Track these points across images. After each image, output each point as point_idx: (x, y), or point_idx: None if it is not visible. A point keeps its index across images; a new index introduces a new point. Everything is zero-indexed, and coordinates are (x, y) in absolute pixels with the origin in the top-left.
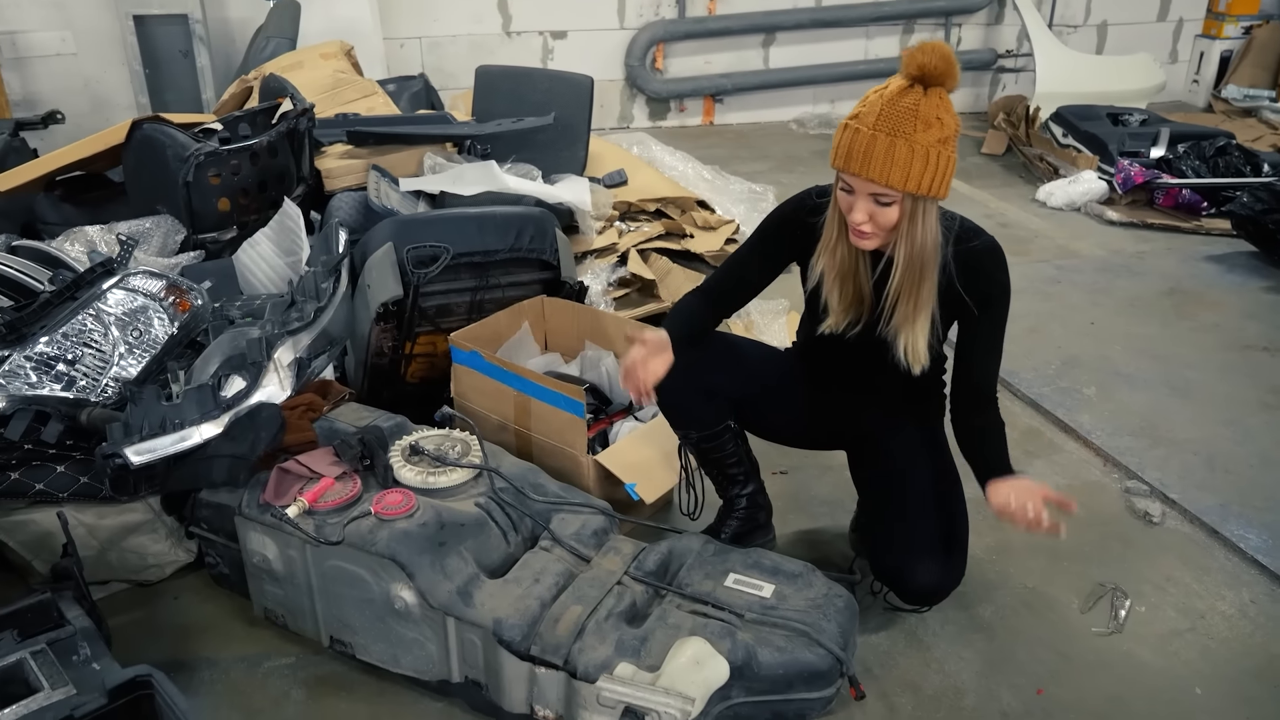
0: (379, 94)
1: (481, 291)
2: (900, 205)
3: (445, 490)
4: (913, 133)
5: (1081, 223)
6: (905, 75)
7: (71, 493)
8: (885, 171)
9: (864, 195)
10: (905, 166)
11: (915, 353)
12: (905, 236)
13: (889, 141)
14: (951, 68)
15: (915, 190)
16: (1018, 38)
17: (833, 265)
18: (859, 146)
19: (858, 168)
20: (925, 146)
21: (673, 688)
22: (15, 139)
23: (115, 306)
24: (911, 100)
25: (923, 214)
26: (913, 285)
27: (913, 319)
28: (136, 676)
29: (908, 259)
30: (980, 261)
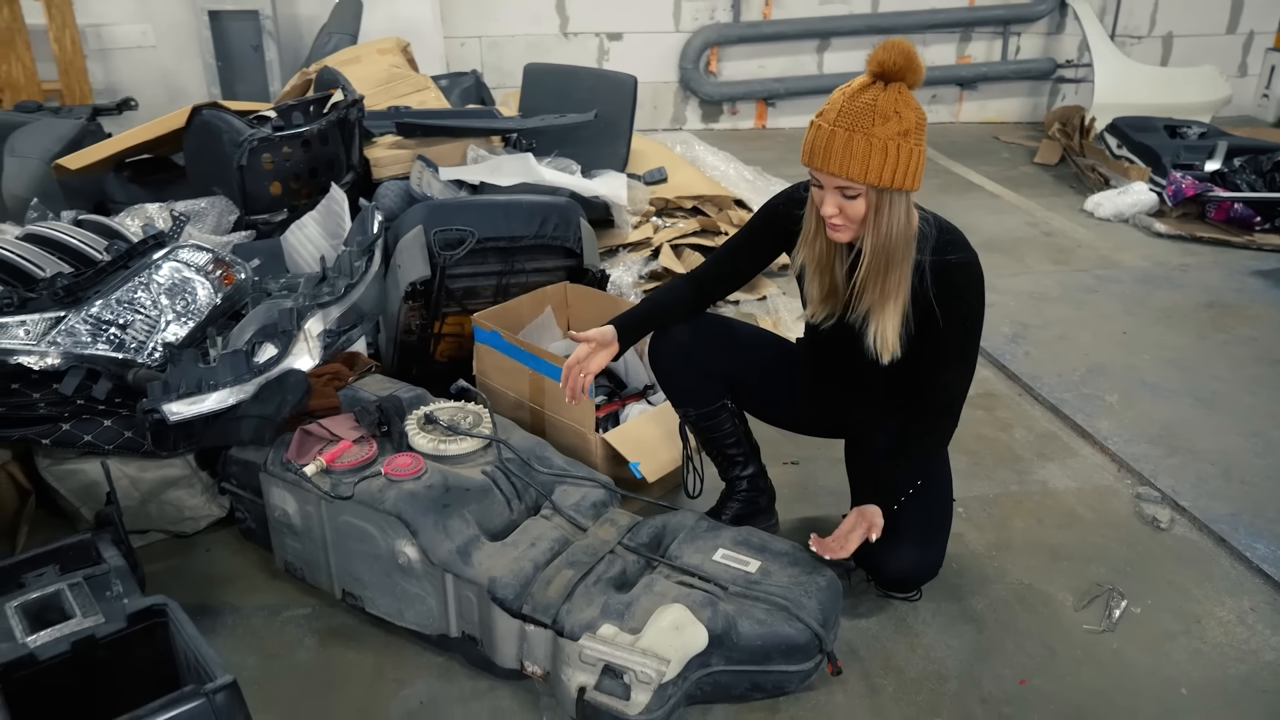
0: (431, 89)
1: (507, 276)
2: (866, 197)
3: (455, 458)
4: (870, 127)
5: (1128, 234)
6: (868, 72)
7: (117, 446)
8: (845, 165)
9: (831, 189)
10: (864, 160)
11: (884, 341)
12: (872, 228)
13: (847, 136)
14: (911, 63)
15: (876, 182)
16: (1079, 48)
17: (812, 257)
18: (821, 142)
19: (820, 163)
20: (884, 140)
21: (650, 649)
22: (92, 123)
23: (165, 277)
24: (870, 96)
25: (889, 206)
26: (878, 274)
27: (880, 307)
28: (153, 605)
29: (874, 249)
30: (951, 276)
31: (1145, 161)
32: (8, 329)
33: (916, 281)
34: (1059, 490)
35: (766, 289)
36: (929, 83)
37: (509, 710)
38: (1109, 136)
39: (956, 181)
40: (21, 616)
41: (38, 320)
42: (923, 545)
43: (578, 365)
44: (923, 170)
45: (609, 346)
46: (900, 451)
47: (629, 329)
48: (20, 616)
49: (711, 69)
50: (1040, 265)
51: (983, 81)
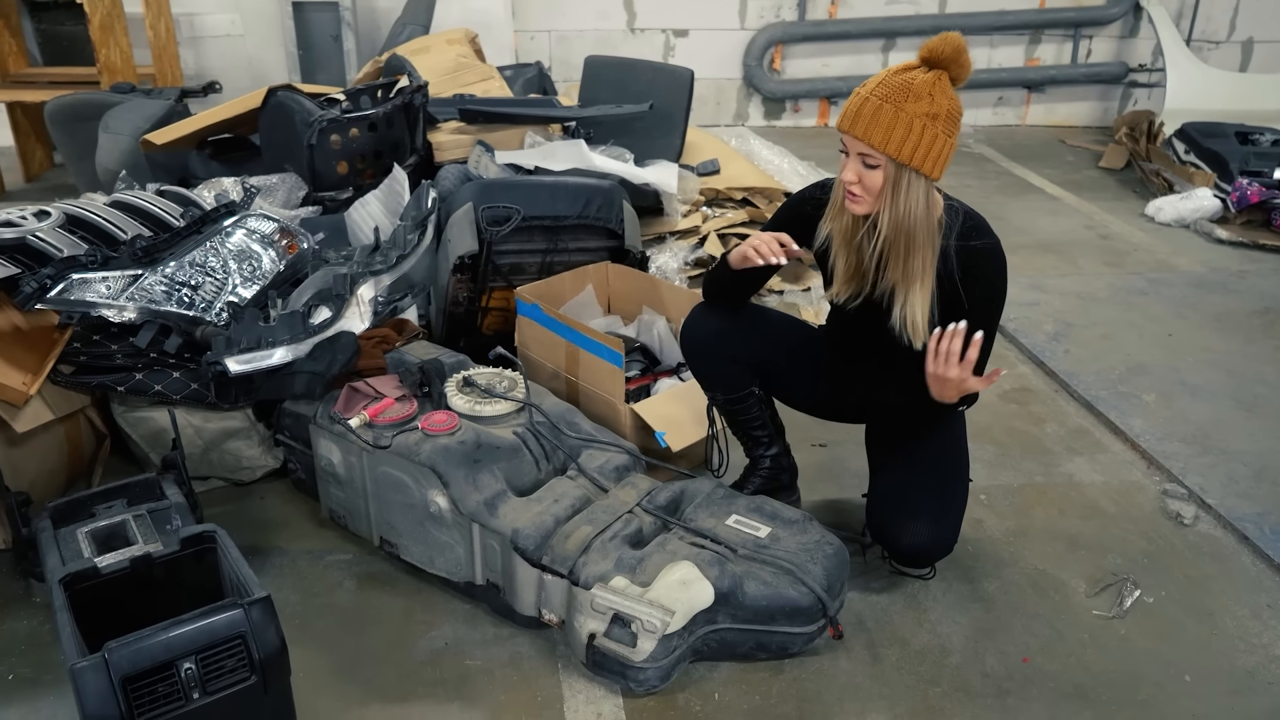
0: (495, 78)
1: (551, 254)
2: (884, 170)
3: (489, 419)
4: (902, 101)
5: (1187, 239)
6: (918, 57)
7: (184, 396)
8: (869, 131)
9: (854, 155)
10: (887, 129)
11: (914, 325)
12: (888, 203)
13: (878, 105)
14: (959, 56)
15: (895, 155)
16: (1153, 52)
17: (839, 230)
18: (853, 107)
19: (848, 126)
20: (911, 115)
21: (657, 601)
22: (179, 104)
23: (234, 243)
24: (910, 75)
25: (907, 185)
26: (899, 254)
27: (905, 288)
28: (204, 531)
29: (890, 225)
30: (977, 261)
31: (1212, 167)
32: (91, 284)
33: (941, 266)
34: (1084, 483)
35: (811, 280)
36: (995, 85)
37: (527, 655)
38: (1177, 142)
39: (1016, 183)
40: (90, 540)
41: (118, 277)
42: (937, 522)
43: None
44: (946, 162)
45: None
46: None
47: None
48: (89, 540)
49: (775, 67)
50: (1092, 267)
51: (1051, 84)
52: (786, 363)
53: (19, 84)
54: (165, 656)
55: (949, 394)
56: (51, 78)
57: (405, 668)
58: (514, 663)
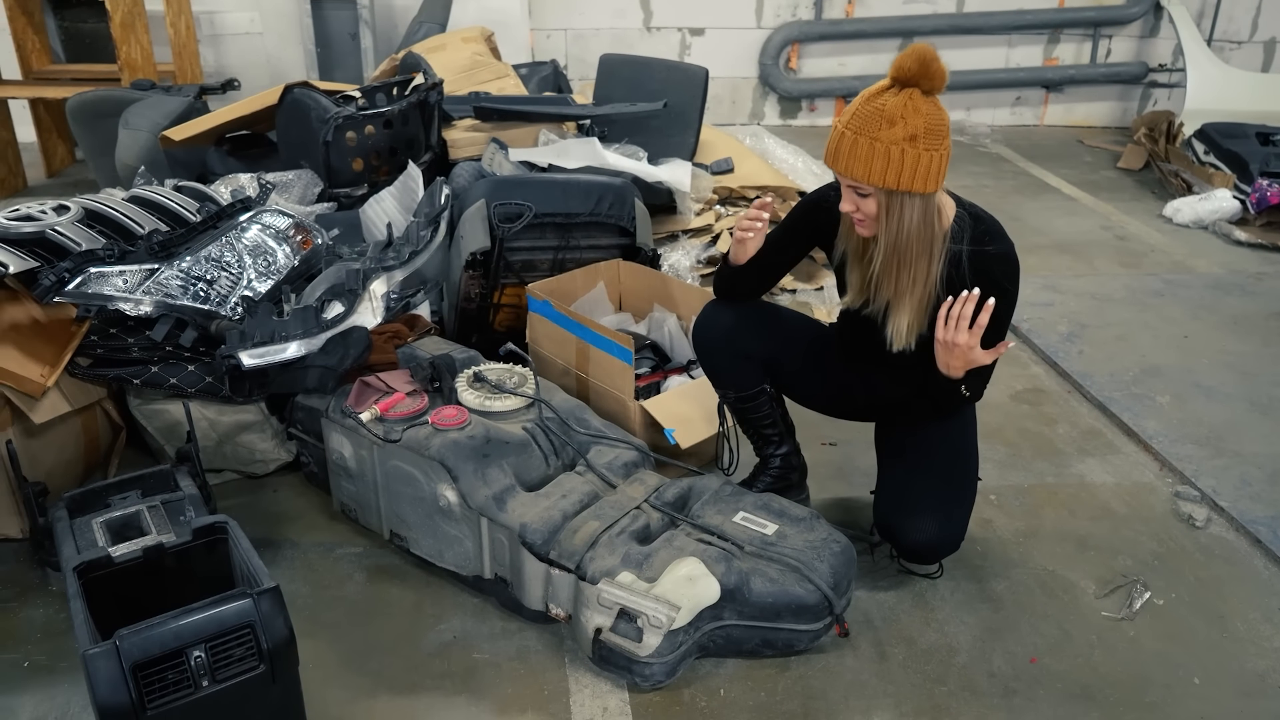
0: (510, 76)
1: (563, 251)
2: (875, 198)
3: (498, 414)
4: (876, 131)
5: (1205, 241)
6: (889, 76)
7: (199, 389)
8: (850, 166)
9: (846, 188)
10: (867, 162)
11: (898, 332)
12: (884, 227)
13: (854, 139)
14: (925, 68)
15: (880, 184)
16: (1173, 52)
17: (851, 247)
18: (833, 144)
19: (830, 163)
20: (887, 144)
21: (663, 596)
22: (198, 101)
23: (250, 238)
24: (881, 101)
25: (900, 207)
26: (891, 271)
27: (897, 302)
28: (215, 522)
29: (886, 246)
30: (990, 266)
31: (1232, 168)
32: (108, 278)
33: (953, 271)
34: (1095, 484)
35: (824, 279)
36: (1013, 84)
37: (534, 649)
38: (1196, 142)
39: (1033, 183)
40: (105, 530)
41: (135, 271)
42: (945, 518)
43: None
44: (940, 173)
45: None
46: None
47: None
48: (104, 530)
49: (791, 65)
50: (1108, 268)
51: (1070, 84)
52: (798, 361)
53: (42, 81)
54: (175, 644)
55: (956, 365)
56: (74, 74)
57: (413, 660)
58: (521, 656)
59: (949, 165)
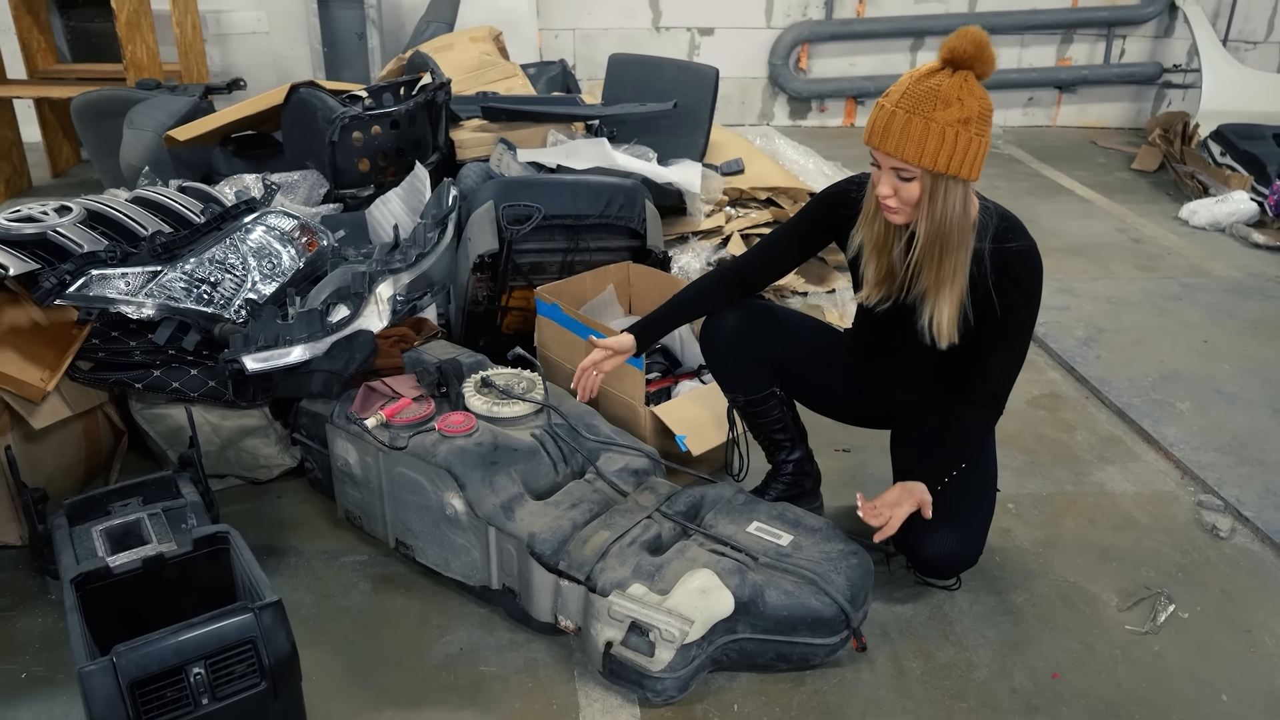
0: (519, 76)
1: (572, 253)
2: (920, 181)
3: (506, 420)
4: (931, 110)
5: (1222, 243)
6: (938, 58)
7: (201, 393)
8: (901, 146)
9: (887, 170)
10: (920, 142)
11: (939, 327)
12: (926, 213)
13: (907, 118)
14: (981, 52)
15: (930, 166)
16: (1188, 52)
17: (870, 237)
18: (880, 122)
19: (878, 142)
20: (942, 124)
21: (676, 610)
22: (204, 101)
23: (254, 239)
24: (936, 80)
25: (944, 192)
26: (933, 260)
27: (935, 292)
28: (216, 532)
29: (928, 234)
30: (1011, 263)
31: (1249, 170)
32: (110, 280)
33: (975, 268)
34: (1116, 493)
35: (835, 282)
36: (1026, 85)
37: (542, 662)
38: (1212, 144)
39: (1046, 185)
40: (104, 539)
41: (138, 273)
42: (962, 531)
43: (593, 366)
44: (982, 161)
45: (626, 352)
46: (944, 436)
47: (647, 331)
48: (103, 539)
49: (801, 66)
50: (1124, 271)
51: (1083, 85)
52: (808, 364)
53: (47, 80)
54: (174, 661)
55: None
56: (79, 74)
57: (419, 672)
58: (529, 669)
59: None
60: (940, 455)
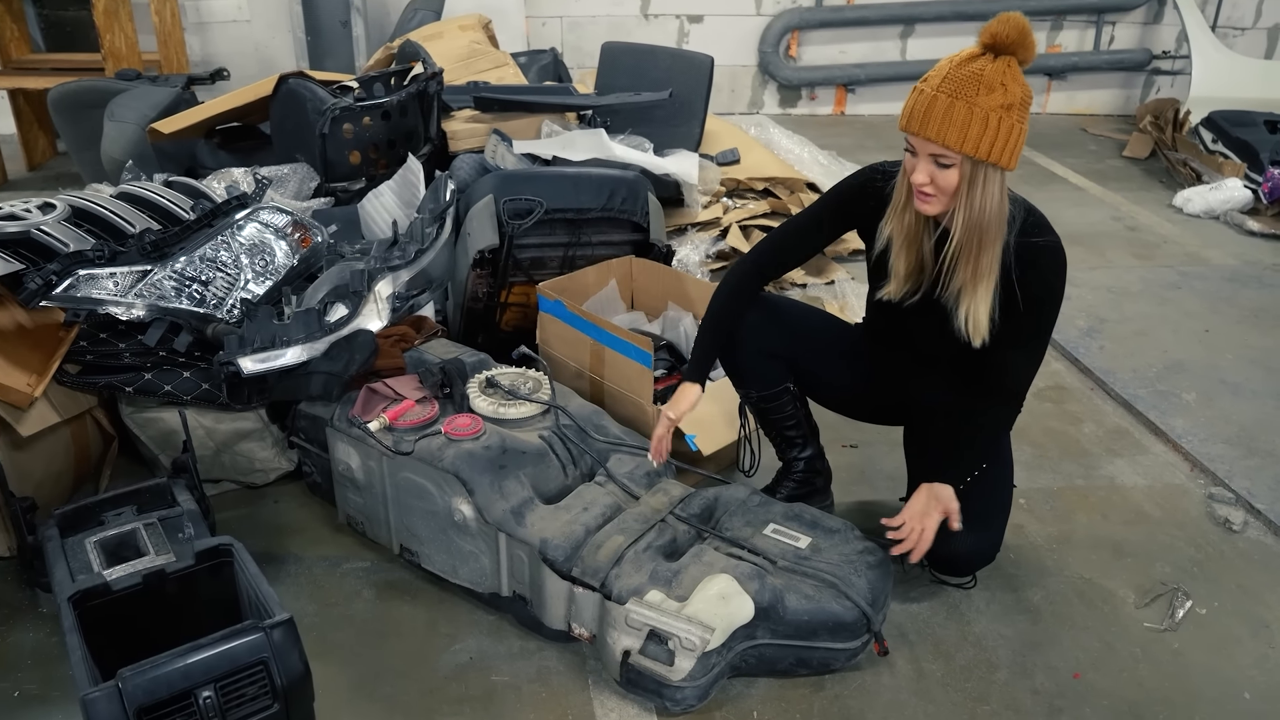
0: (510, 65)
1: (574, 248)
2: (959, 169)
3: (513, 421)
4: (974, 96)
5: (1218, 231)
6: (978, 44)
7: (194, 396)
8: (943, 131)
9: (925, 156)
10: (963, 128)
11: (976, 323)
12: (964, 202)
13: (949, 102)
14: (1024, 38)
15: (973, 153)
16: (1177, 39)
17: (900, 230)
18: (921, 107)
19: (918, 127)
20: (985, 110)
21: (696, 617)
22: (186, 92)
23: (246, 236)
24: (979, 65)
25: (983, 181)
26: (970, 253)
27: (972, 287)
28: (220, 545)
29: (965, 225)
30: (1037, 259)
31: (1241, 157)
32: (98, 280)
33: (1002, 264)
34: (1127, 487)
35: (835, 273)
36: None
37: (555, 670)
38: (1204, 130)
39: (1039, 173)
40: (99, 551)
41: (126, 273)
42: (981, 529)
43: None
44: (1020, 150)
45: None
46: (964, 433)
47: (702, 367)
48: (98, 551)
49: (791, 53)
50: (1122, 260)
51: (1073, 72)
52: (822, 359)
53: (21, 70)
54: (183, 685)
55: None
56: (55, 64)
57: (428, 683)
58: (542, 678)
59: None
60: (962, 455)
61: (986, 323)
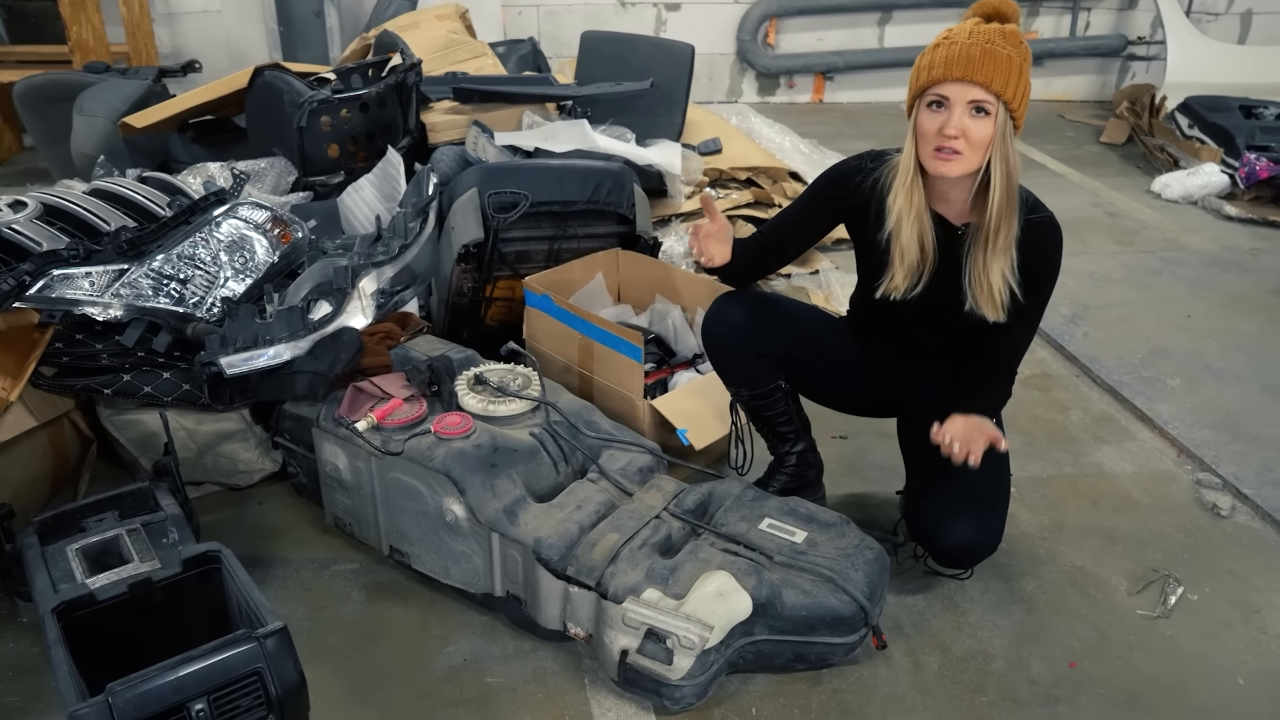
0: (488, 55)
1: (559, 241)
2: (995, 119)
3: (503, 419)
4: (1009, 47)
5: (1196, 216)
6: (978, 15)
7: (175, 398)
8: (990, 73)
9: (962, 104)
10: (1006, 73)
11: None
12: (999, 155)
13: (986, 49)
14: (1014, 8)
15: (1012, 99)
16: (1152, 24)
17: (908, 207)
18: (958, 55)
19: (960, 72)
20: (1020, 61)
21: (694, 615)
22: (157, 84)
23: (225, 233)
24: (993, 26)
25: (1009, 138)
26: (1008, 212)
27: (1003, 255)
28: (207, 551)
29: (1003, 179)
30: (1037, 234)
31: (1218, 142)
32: (73, 280)
33: None
34: (1115, 474)
35: (819, 263)
36: None
37: (551, 670)
38: (1180, 116)
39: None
40: (82, 559)
41: (102, 272)
42: (982, 519)
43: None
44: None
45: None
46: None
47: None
48: (80, 559)
49: (769, 41)
50: (1103, 246)
51: (1049, 58)
52: (813, 356)
53: None
54: (175, 698)
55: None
56: (19, 56)
57: (422, 686)
58: (537, 679)
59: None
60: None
61: (1010, 295)
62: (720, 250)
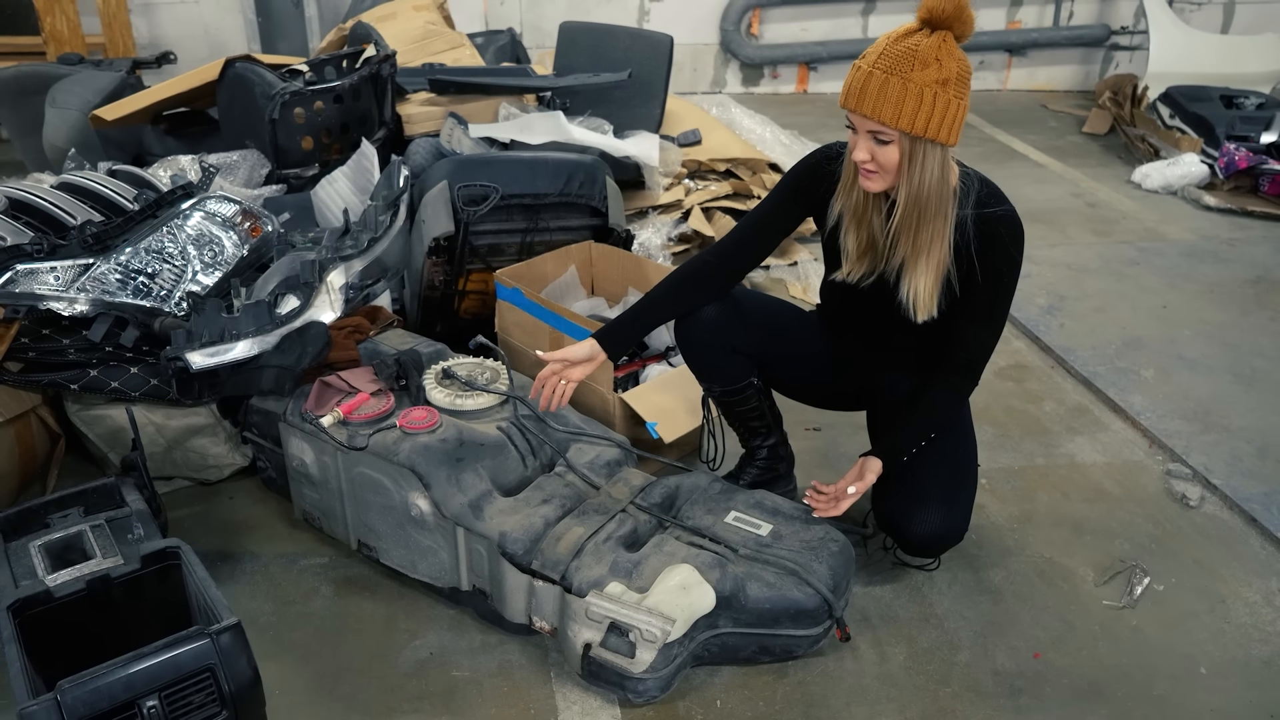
0: (466, 46)
1: (532, 234)
2: (898, 145)
3: (471, 413)
4: (909, 71)
5: (1175, 206)
6: (916, 19)
7: (143, 393)
8: (878, 108)
9: (864, 133)
10: (897, 104)
11: (917, 298)
12: (905, 178)
13: (884, 79)
14: (961, 12)
15: (909, 129)
16: (1135, 14)
17: (849, 206)
18: (857, 83)
19: (854, 104)
20: (920, 85)
21: (656, 608)
22: (131, 76)
23: (193, 227)
24: (914, 41)
25: (923, 156)
26: (910, 227)
27: (913, 262)
28: (166, 547)
29: (906, 201)
30: (996, 229)
31: (1198, 132)
32: (39, 275)
33: (958, 237)
34: (1086, 464)
35: (798, 254)
36: (976, 48)
37: (517, 664)
38: (1161, 106)
39: (1000, 150)
40: (44, 555)
41: (68, 267)
42: (948, 509)
43: (557, 375)
44: (961, 125)
45: (593, 360)
46: (913, 406)
47: (617, 336)
48: (43, 555)
49: (753, 31)
50: (1082, 236)
51: (1033, 48)
52: (785, 352)
53: None
54: (125, 696)
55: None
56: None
57: (388, 680)
58: (504, 672)
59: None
60: (907, 427)
61: (928, 299)
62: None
